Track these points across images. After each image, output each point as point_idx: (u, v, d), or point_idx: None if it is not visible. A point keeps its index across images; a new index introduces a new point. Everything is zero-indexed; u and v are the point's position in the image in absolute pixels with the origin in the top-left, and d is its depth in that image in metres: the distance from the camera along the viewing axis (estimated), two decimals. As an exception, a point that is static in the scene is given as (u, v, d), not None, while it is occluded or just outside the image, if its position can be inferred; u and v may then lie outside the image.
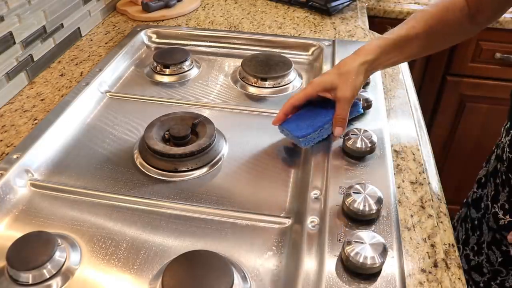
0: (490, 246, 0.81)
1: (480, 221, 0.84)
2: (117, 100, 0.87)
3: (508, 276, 0.79)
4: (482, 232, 0.83)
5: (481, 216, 0.83)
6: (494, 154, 0.83)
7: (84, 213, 0.62)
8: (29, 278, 0.51)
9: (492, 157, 0.84)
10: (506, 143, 0.75)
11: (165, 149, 0.69)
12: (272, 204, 0.64)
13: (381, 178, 0.62)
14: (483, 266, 0.83)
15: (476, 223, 0.85)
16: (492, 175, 0.82)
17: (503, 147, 0.77)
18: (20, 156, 0.68)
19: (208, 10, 1.24)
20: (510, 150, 0.73)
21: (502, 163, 0.76)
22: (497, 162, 0.80)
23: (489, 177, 0.83)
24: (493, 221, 0.78)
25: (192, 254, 0.53)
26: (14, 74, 0.86)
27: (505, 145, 0.76)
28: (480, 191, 0.86)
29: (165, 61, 0.95)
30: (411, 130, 0.77)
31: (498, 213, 0.77)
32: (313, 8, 1.23)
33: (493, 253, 0.81)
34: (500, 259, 0.79)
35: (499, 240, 0.78)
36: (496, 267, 0.80)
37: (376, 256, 0.48)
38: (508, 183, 0.74)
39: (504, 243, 0.77)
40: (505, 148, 0.75)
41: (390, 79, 0.91)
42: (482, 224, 0.83)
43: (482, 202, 0.84)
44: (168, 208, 0.63)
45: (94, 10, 1.13)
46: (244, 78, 0.92)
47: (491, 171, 0.82)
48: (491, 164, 0.84)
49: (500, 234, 0.77)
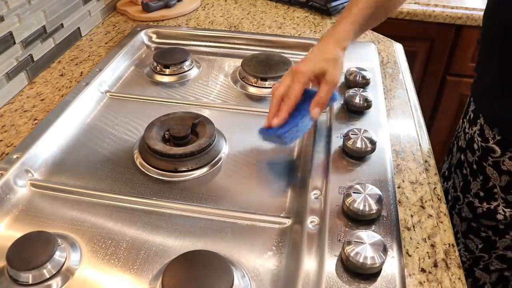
0: (467, 235, 0.82)
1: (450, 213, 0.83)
2: (117, 100, 0.87)
3: (491, 259, 0.80)
4: (453, 224, 0.84)
5: (450, 208, 0.85)
6: (455, 147, 0.85)
7: (84, 213, 0.62)
8: (29, 278, 0.51)
9: (454, 150, 0.86)
10: (475, 133, 0.76)
11: (165, 149, 0.69)
12: (272, 204, 0.64)
13: (381, 178, 0.62)
14: (461, 255, 0.84)
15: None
16: (457, 167, 0.83)
17: (471, 138, 0.78)
18: (20, 156, 0.68)
19: (208, 10, 1.24)
20: (482, 140, 0.74)
21: (471, 153, 0.78)
22: (460, 154, 0.82)
23: (453, 170, 0.85)
24: (468, 210, 0.80)
25: (192, 254, 0.53)
26: (14, 74, 0.86)
27: (474, 135, 0.77)
28: (445, 184, 0.88)
29: (165, 61, 0.95)
30: (411, 130, 0.77)
31: (473, 202, 0.78)
32: (313, 8, 1.23)
33: (471, 241, 0.82)
34: (481, 245, 0.80)
35: (476, 228, 0.79)
36: (477, 254, 0.82)
37: (376, 256, 0.48)
38: (482, 171, 0.75)
39: (482, 229, 0.78)
40: (474, 138, 0.76)
41: (390, 79, 0.91)
42: (452, 215, 0.84)
43: (448, 195, 0.86)
44: (168, 208, 0.63)
45: (94, 10, 1.13)
46: (244, 78, 0.92)
47: (455, 163, 0.84)
48: (454, 156, 0.86)
49: (478, 222, 0.79)
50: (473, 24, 1.31)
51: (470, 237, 0.81)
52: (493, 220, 0.76)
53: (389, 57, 1.00)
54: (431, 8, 1.34)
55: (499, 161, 0.72)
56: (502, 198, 0.74)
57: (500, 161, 0.72)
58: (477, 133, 0.75)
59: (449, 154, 0.90)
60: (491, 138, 0.72)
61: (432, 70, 1.45)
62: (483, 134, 0.74)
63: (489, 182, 0.75)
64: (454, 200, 0.84)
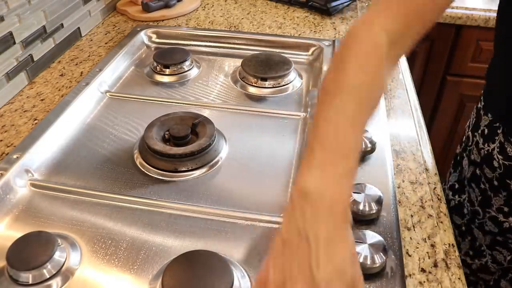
0: (494, 247, 0.79)
1: (469, 226, 0.81)
2: (117, 100, 0.88)
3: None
4: (474, 237, 0.81)
5: (469, 222, 0.80)
6: (467, 160, 0.80)
7: (84, 213, 0.62)
8: (29, 278, 0.51)
9: (464, 163, 0.81)
10: (494, 150, 0.73)
11: (165, 149, 0.69)
12: (272, 204, 0.64)
13: (381, 178, 0.62)
14: (489, 267, 0.82)
15: (463, 228, 0.83)
16: (471, 181, 0.78)
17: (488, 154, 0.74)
18: (20, 156, 0.68)
19: (208, 10, 1.24)
20: (504, 158, 0.70)
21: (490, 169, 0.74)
22: (475, 168, 0.77)
23: (466, 183, 0.80)
24: (492, 225, 0.77)
25: (192, 254, 0.53)
26: (14, 74, 0.86)
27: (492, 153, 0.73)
28: (457, 197, 0.83)
29: (165, 61, 0.95)
30: (411, 130, 0.77)
31: (497, 216, 0.76)
32: (313, 8, 1.23)
33: (498, 252, 0.79)
34: (509, 257, 0.78)
35: (502, 241, 0.77)
36: (505, 265, 0.79)
37: (376, 256, 0.48)
38: (506, 188, 0.72)
39: (510, 241, 0.76)
40: (494, 156, 0.72)
41: (390, 79, 0.91)
42: (471, 229, 0.80)
43: (464, 208, 0.81)
44: (168, 208, 0.63)
45: (94, 10, 1.13)
46: (244, 78, 0.92)
47: (469, 177, 0.79)
48: (465, 169, 0.81)
49: (504, 236, 0.77)
50: (473, 24, 1.31)
51: (498, 249, 0.79)
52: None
53: (389, 57, 1.00)
54: (431, 8, 1.33)
55: None
56: None
57: None
58: (496, 151, 0.71)
59: (457, 165, 0.84)
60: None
61: (432, 70, 1.45)
62: (504, 151, 0.69)
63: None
64: (472, 214, 0.80)
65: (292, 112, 0.83)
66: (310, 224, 0.40)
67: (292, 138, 0.76)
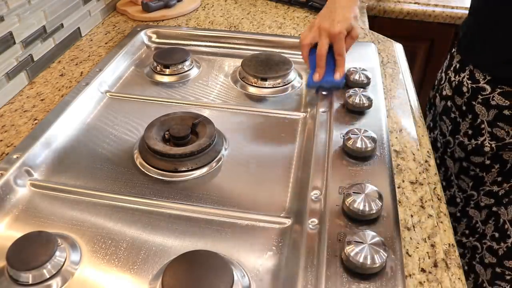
0: (459, 176, 0.90)
1: (442, 157, 0.94)
2: (117, 100, 0.88)
3: (480, 196, 0.87)
4: (447, 167, 0.93)
5: (442, 153, 0.93)
6: (438, 98, 0.94)
7: (84, 213, 0.62)
8: (29, 278, 0.51)
9: (437, 101, 0.95)
10: (464, 78, 0.84)
11: (165, 149, 0.69)
12: (272, 204, 0.64)
13: (381, 178, 0.62)
14: (456, 196, 0.92)
15: (438, 161, 0.95)
16: (443, 114, 0.92)
17: (459, 83, 0.85)
18: (20, 156, 0.68)
19: (208, 10, 1.24)
20: (472, 81, 0.82)
21: (459, 96, 0.86)
22: (446, 101, 0.91)
23: (438, 119, 0.94)
24: (460, 150, 0.87)
25: (192, 254, 0.53)
26: (14, 74, 0.86)
27: (463, 80, 0.84)
28: (432, 134, 0.97)
29: (165, 61, 0.95)
30: (411, 130, 0.77)
31: (463, 141, 0.86)
32: (313, 8, 1.23)
33: (463, 181, 0.90)
34: (471, 183, 0.88)
35: (466, 167, 0.88)
36: (468, 192, 0.89)
37: (376, 256, 0.48)
38: (471, 110, 0.83)
39: (471, 168, 0.87)
40: (464, 82, 0.84)
41: (390, 79, 0.91)
42: (444, 160, 0.93)
43: (438, 142, 0.95)
44: (168, 208, 0.63)
45: (94, 10, 1.13)
46: (244, 78, 0.92)
47: (440, 111, 0.93)
48: (437, 107, 0.95)
49: (468, 161, 0.87)
50: (473, 24, 1.31)
51: (462, 178, 0.89)
52: (481, 155, 0.84)
53: (389, 57, 1.00)
54: (431, 8, 1.34)
55: (488, 97, 0.79)
56: (489, 132, 0.81)
57: (490, 97, 0.79)
58: (466, 78, 0.83)
59: (431, 106, 0.99)
60: (481, 79, 0.80)
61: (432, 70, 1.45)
62: (474, 76, 0.82)
63: (477, 119, 0.82)
64: (445, 144, 0.92)
65: (292, 112, 0.83)
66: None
67: (292, 138, 0.76)
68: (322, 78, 0.81)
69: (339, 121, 0.73)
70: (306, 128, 0.78)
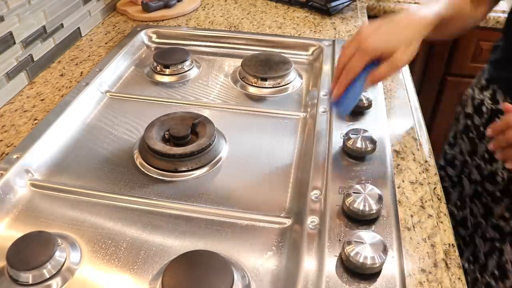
0: (473, 199, 0.87)
1: (459, 176, 0.90)
2: (117, 100, 0.88)
3: (487, 227, 0.84)
4: (463, 187, 0.89)
5: (460, 172, 0.90)
6: (462, 114, 0.90)
7: (84, 213, 0.62)
8: (29, 278, 0.51)
9: (460, 118, 0.92)
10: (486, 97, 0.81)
11: (165, 149, 0.69)
12: (272, 204, 0.64)
13: (381, 178, 0.62)
14: (468, 219, 0.89)
15: (456, 179, 0.91)
16: (463, 133, 0.89)
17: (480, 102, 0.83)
18: (20, 156, 0.68)
19: (208, 10, 1.24)
20: (493, 102, 0.79)
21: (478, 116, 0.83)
22: (466, 120, 0.88)
23: (458, 136, 0.91)
24: (476, 173, 0.84)
25: (192, 254, 0.53)
26: (14, 74, 0.86)
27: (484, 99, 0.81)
28: (452, 151, 0.94)
29: (165, 61, 0.95)
30: (411, 130, 0.77)
31: (480, 164, 0.82)
32: (313, 8, 1.23)
33: (475, 206, 0.86)
34: (482, 210, 0.85)
35: (480, 193, 0.84)
36: (478, 219, 0.86)
37: (376, 256, 0.48)
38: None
39: (484, 195, 0.84)
40: (484, 102, 0.81)
41: (390, 79, 0.91)
42: (461, 179, 0.89)
43: (456, 160, 0.91)
44: (168, 208, 0.63)
45: (94, 10, 1.13)
46: (244, 78, 0.92)
47: (461, 129, 0.90)
48: (460, 123, 0.91)
49: (482, 186, 0.83)
50: (473, 24, 1.31)
51: (475, 202, 0.86)
52: (494, 184, 0.80)
53: (389, 57, 1.00)
54: (431, 8, 1.33)
55: None
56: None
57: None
58: (487, 97, 0.79)
59: (456, 121, 0.94)
60: (501, 101, 0.75)
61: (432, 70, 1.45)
62: (495, 97, 0.78)
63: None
64: (463, 164, 0.88)
65: (292, 112, 0.83)
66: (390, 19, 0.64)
67: (292, 138, 0.76)
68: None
69: (339, 121, 0.73)
70: (306, 128, 0.78)
